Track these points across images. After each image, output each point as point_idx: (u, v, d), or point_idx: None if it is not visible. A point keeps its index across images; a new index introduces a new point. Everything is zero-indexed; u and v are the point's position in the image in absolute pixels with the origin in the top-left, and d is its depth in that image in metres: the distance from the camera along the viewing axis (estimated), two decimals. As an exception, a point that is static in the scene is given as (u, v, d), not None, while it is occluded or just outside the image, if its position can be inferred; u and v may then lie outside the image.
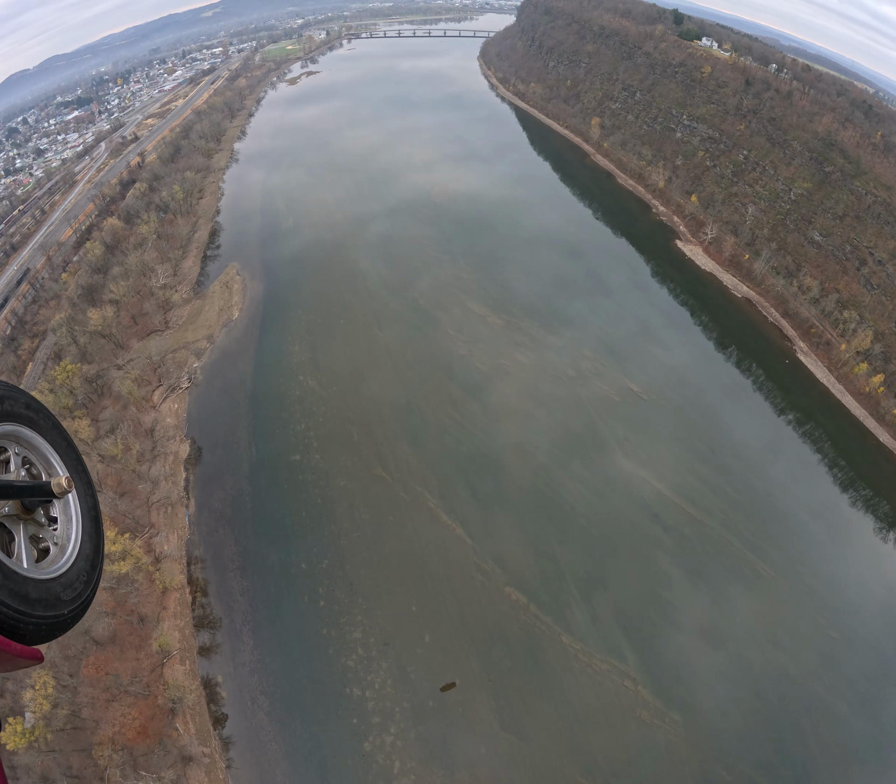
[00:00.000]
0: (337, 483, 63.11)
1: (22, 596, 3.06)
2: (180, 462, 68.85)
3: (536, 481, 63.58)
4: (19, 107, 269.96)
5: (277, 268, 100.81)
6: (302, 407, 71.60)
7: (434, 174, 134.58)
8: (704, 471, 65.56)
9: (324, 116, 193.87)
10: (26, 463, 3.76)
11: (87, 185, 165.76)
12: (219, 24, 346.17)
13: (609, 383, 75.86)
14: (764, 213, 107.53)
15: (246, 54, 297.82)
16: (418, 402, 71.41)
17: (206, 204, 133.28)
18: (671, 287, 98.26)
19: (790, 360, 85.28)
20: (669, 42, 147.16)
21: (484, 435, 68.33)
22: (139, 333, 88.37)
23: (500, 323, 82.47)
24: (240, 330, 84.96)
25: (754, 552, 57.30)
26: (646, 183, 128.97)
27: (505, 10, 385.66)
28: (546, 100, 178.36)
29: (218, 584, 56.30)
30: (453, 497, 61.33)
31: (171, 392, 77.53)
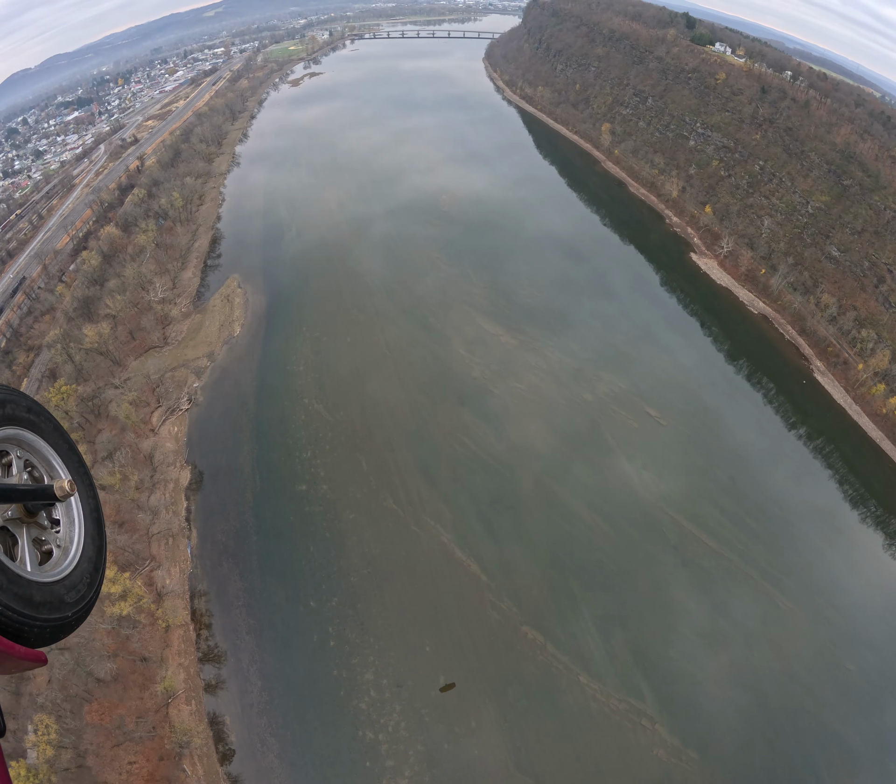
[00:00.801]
0: (346, 516, 60.54)
1: (26, 599, 3.03)
2: (181, 490, 65.91)
3: (553, 514, 61.29)
4: (20, 107, 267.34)
5: (280, 280, 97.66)
6: (308, 432, 68.59)
7: (442, 179, 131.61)
8: (724, 500, 63.42)
9: (326, 117, 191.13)
10: (28, 466, 3.75)
11: (85, 189, 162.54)
12: (221, 23, 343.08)
13: (626, 408, 73.02)
14: (780, 227, 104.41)
15: (248, 55, 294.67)
16: (430, 428, 68.46)
17: (206, 210, 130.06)
18: (687, 303, 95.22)
19: (807, 380, 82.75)
20: (682, 47, 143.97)
21: (498, 464, 65.44)
22: (137, 349, 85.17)
23: (513, 342, 79.31)
24: (242, 347, 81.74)
25: (772, 584, 55.73)
26: (658, 192, 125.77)
27: (509, 11, 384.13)
28: (554, 104, 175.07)
29: (223, 621, 54.22)
30: (467, 531, 59.10)
31: (170, 414, 74.39)
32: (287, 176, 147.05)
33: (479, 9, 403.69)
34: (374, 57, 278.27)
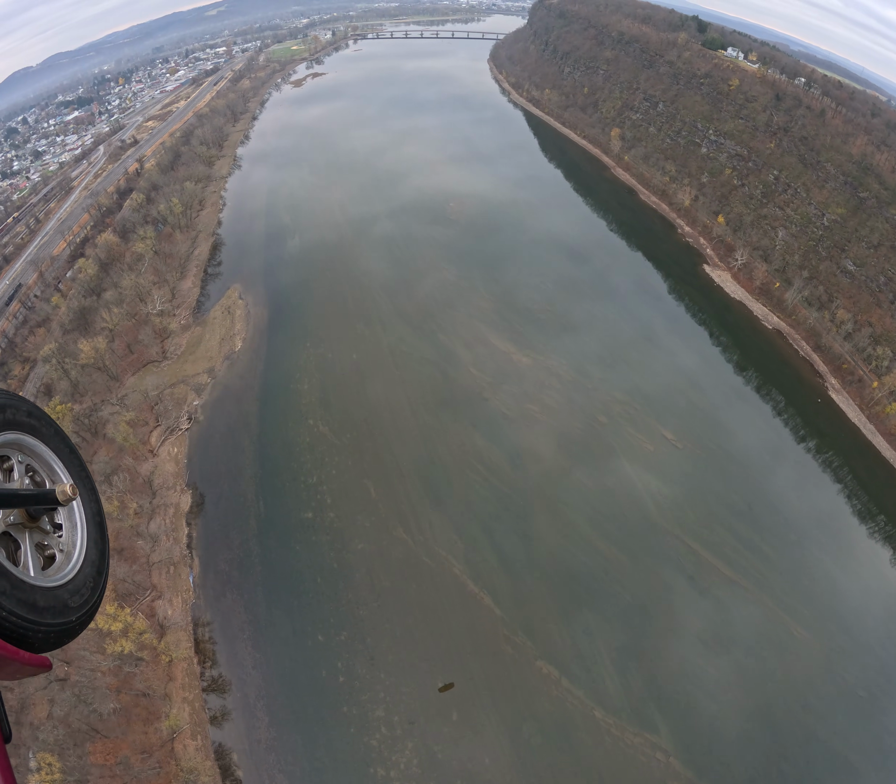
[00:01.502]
0: (354, 546, 58.11)
1: (30, 604, 3.00)
2: (182, 515, 63.31)
3: (568, 543, 59.16)
4: (20, 105, 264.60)
5: (283, 290, 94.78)
6: (313, 456, 65.87)
7: (449, 183, 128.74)
8: (740, 526, 61.58)
9: (329, 117, 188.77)
10: (30, 471, 3.70)
11: (83, 192, 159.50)
12: (223, 22, 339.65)
13: (642, 430, 70.53)
14: (795, 239, 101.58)
15: (250, 54, 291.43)
16: (440, 453, 65.80)
17: (206, 216, 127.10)
18: (701, 318, 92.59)
19: (822, 398, 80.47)
20: (693, 51, 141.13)
21: (511, 492, 62.85)
22: (134, 364, 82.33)
23: (525, 360, 76.50)
24: (243, 363, 78.90)
25: (787, 612, 54.37)
26: (670, 201, 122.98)
27: (512, 12, 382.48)
28: (562, 107, 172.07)
29: (228, 655, 52.14)
30: (480, 562, 56.91)
31: (169, 434, 71.60)
32: (289, 178, 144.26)
33: (483, 9, 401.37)
34: (378, 57, 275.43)
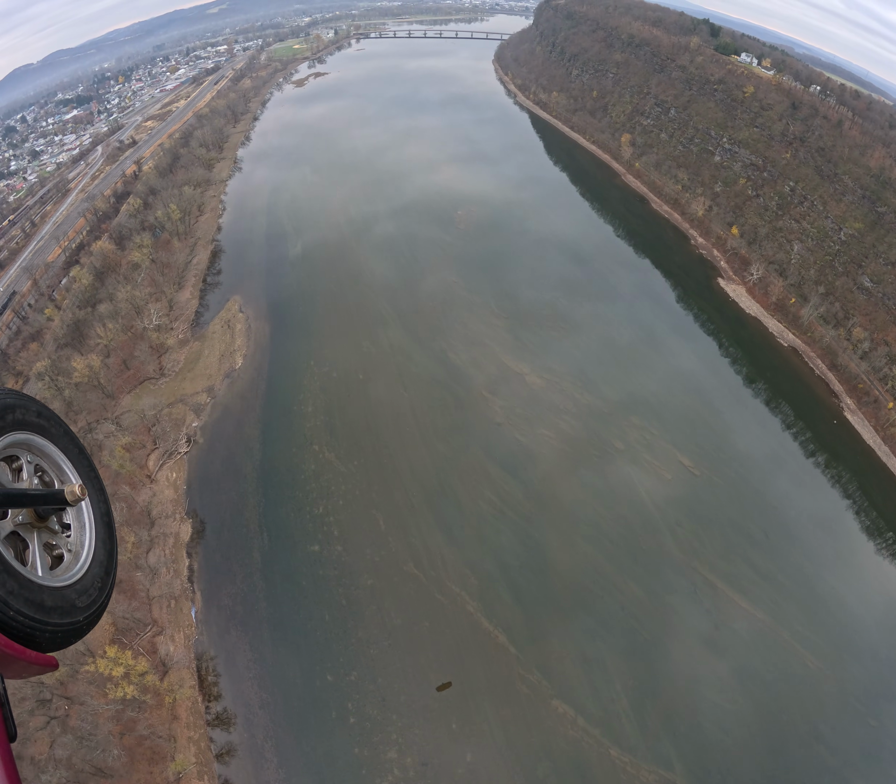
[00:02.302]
0: (363, 581, 55.34)
1: (38, 604, 3.01)
2: (182, 546, 60.36)
3: (584, 579, 56.69)
4: (20, 103, 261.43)
5: (285, 303, 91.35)
6: (318, 485, 62.77)
7: (458, 189, 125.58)
8: (757, 557, 59.45)
9: (332, 117, 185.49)
10: (39, 471, 3.70)
11: (80, 194, 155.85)
12: (224, 20, 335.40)
13: (659, 457, 67.74)
14: (811, 253, 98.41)
15: (251, 53, 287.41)
16: (452, 482, 62.74)
17: (205, 222, 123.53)
18: (717, 335, 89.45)
19: (838, 419, 77.89)
20: (706, 56, 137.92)
21: (526, 524, 60.01)
22: (131, 381, 78.99)
23: (539, 382, 73.30)
24: (244, 382, 75.58)
25: (802, 643, 52.55)
26: (683, 210, 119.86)
27: (515, 12, 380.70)
28: (570, 111, 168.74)
29: (234, 694, 49.86)
30: (495, 599, 54.50)
31: (167, 458, 68.38)
32: (290, 182, 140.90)
33: (486, 9, 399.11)
34: (381, 56, 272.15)
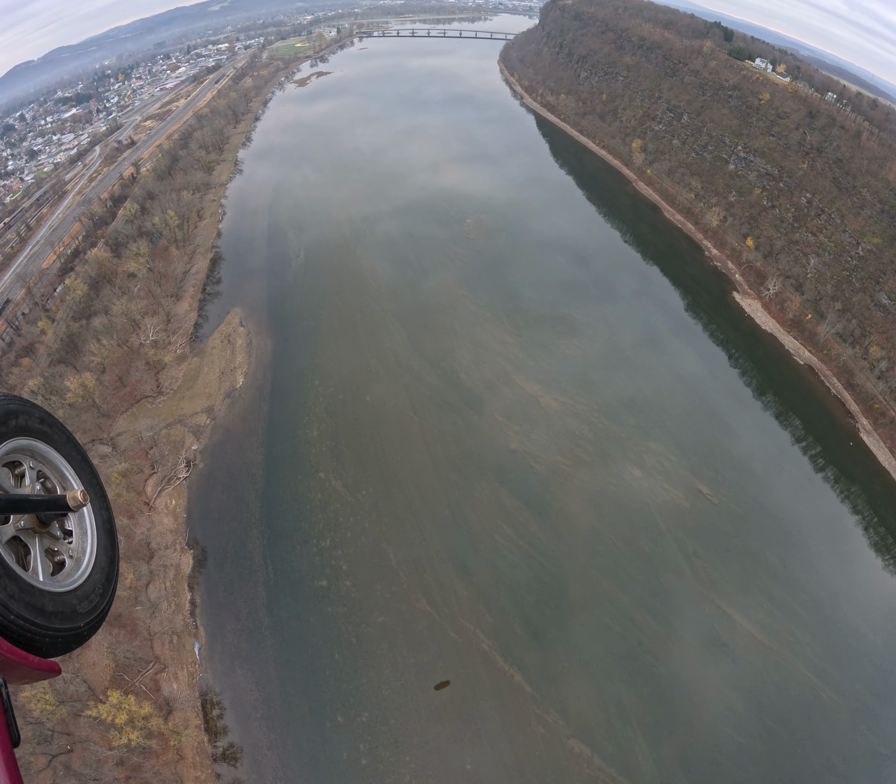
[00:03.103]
0: (374, 618, 52.84)
1: (38, 609, 3.02)
2: (183, 578, 57.60)
3: (602, 614, 54.43)
4: (20, 100, 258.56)
5: (287, 317, 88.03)
6: (325, 515, 59.88)
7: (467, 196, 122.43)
8: (774, 587, 57.54)
9: (335, 117, 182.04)
10: (41, 477, 3.72)
11: (77, 196, 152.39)
12: (226, 18, 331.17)
13: (677, 484, 65.11)
14: (828, 268, 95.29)
15: (253, 51, 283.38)
16: (465, 513, 59.93)
17: (204, 228, 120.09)
18: (733, 352, 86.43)
19: (854, 441, 75.20)
20: (720, 61, 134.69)
21: (542, 557, 57.38)
22: (127, 399, 75.80)
23: (554, 405, 70.27)
24: (245, 403, 72.42)
25: (818, 674, 50.97)
26: (696, 220, 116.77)
27: (519, 11, 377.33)
28: (579, 114, 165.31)
29: (241, 734, 47.85)
30: (510, 637, 52.36)
31: (166, 483, 65.31)
32: (292, 185, 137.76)
33: (489, 8, 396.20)
34: (384, 55, 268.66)
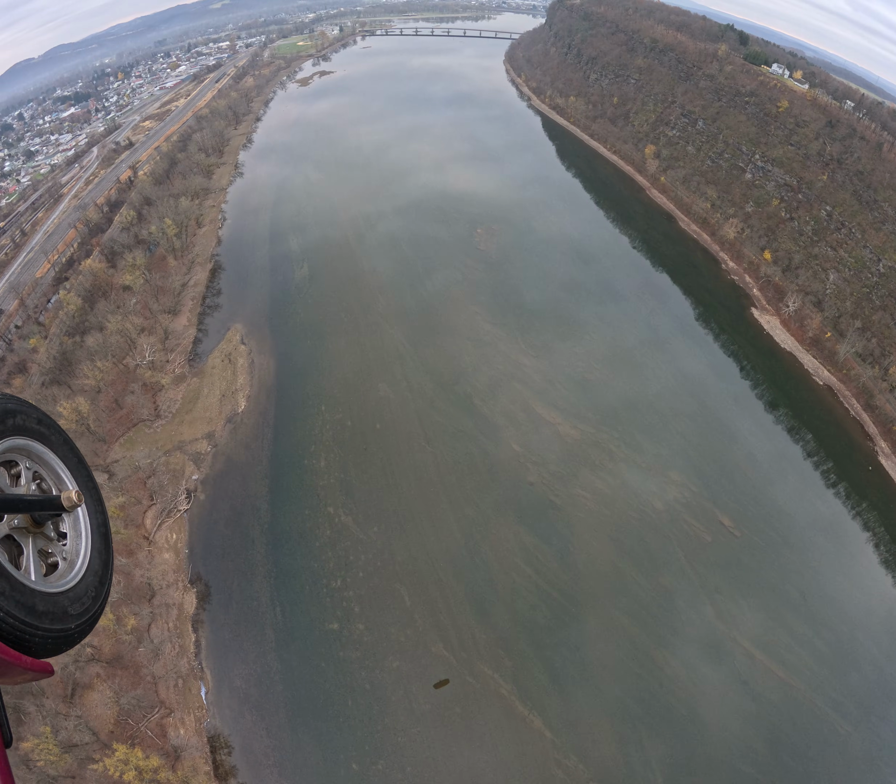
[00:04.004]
0: (388, 664, 50.26)
1: (28, 607, 3.01)
2: (186, 619, 54.60)
3: (622, 655, 52.09)
4: (19, 99, 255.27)
5: (290, 334, 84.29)
6: (335, 553, 56.66)
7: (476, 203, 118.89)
8: (795, 622, 55.64)
9: (338, 118, 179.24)
10: (37, 478, 3.72)
11: (73, 200, 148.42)
12: (227, 16, 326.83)
13: (699, 517, 62.21)
14: (848, 284, 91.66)
15: (254, 50, 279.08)
16: (482, 551, 56.76)
17: (203, 236, 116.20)
18: (751, 372, 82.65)
19: (872, 465, 72.15)
20: (736, 65, 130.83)
21: (562, 597, 54.55)
22: (123, 422, 72.19)
23: (573, 433, 66.82)
24: (248, 429, 68.82)
25: (835, 709, 49.93)
26: (712, 230, 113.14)
27: (523, 10, 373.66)
28: (590, 118, 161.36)
29: (252, 782, 46.01)
30: (529, 681, 50.18)
31: (166, 516, 61.82)
32: (294, 189, 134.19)
33: (493, 6, 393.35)
34: (388, 54, 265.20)
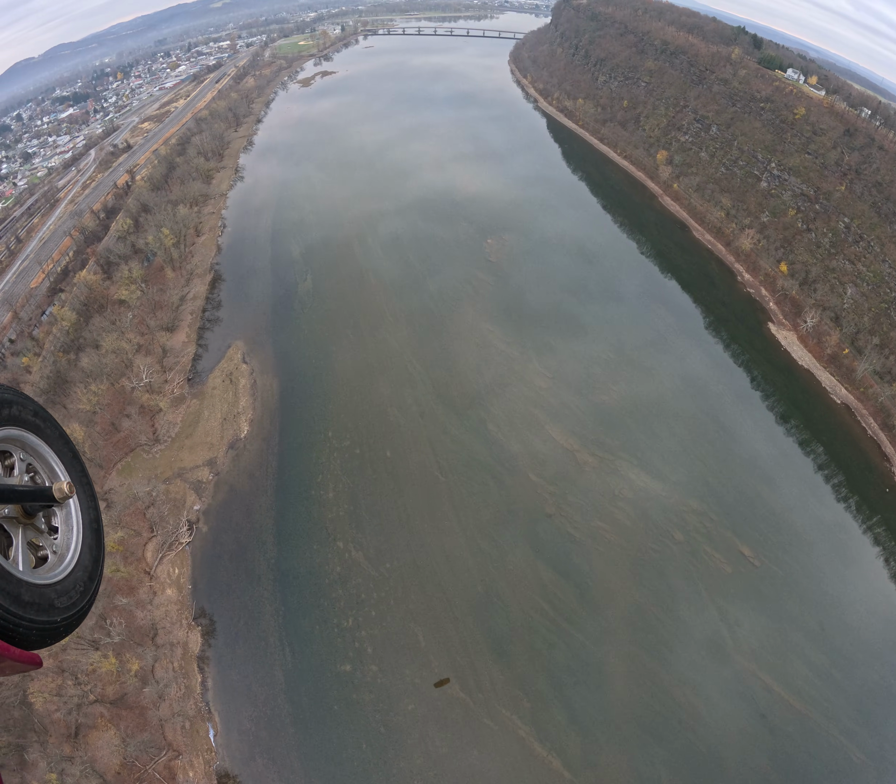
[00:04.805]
0: (403, 706, 48.34)
1: (13, 597, 2.99)
2: (192, 658, 52.07)
3: (642, 692, 50.35)
4: (18, 98, 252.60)
5: (294, 352, 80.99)
6: (346, 592, 53.92)
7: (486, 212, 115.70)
8: (813, 653, 53.87)
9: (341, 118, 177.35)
10: (31, 471, 3.71)
11: (69, 205, 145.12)
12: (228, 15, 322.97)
13: (719, 548, 59.69)
14: (866, 298, 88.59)
15: (255, 49, 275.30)
16: (499, 588, 54.12)
17: (203, 245, 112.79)
18: (770, 392, 79.50)
19: (889, 487, 69.69)
20: (750, 70, 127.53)
21: (581, 635, 52.17)
22: (120, 447, 69.10)
23: (591, 461, 63.86)
24: (251, 455, 65.71)
25: (850, 738, 48.96)
26: (727, 240, 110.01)
27: (525, 9, 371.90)
28: (599, 121, 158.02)
29: None
30: (548, 721, 48.67)
31: (167, 548, 58.81)
32: (296, 194, 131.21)
33: (495, 6, 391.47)
34: (391, 54, 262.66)
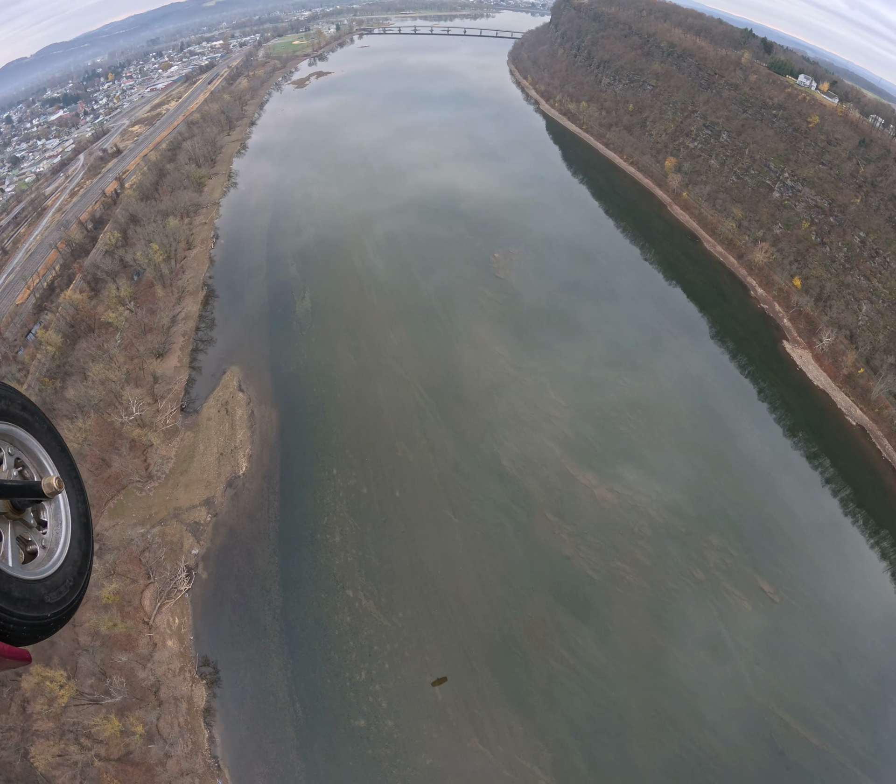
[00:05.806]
0: (421, 761, 46.01)
1: (3, 593, 3.00)
2: (198, 713, 48.95)
3: (662, 736, 48.24)
4: (9, 100, 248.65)
5: (293, 379, 76.65)
6: (358, 643, 50.56)
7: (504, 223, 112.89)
8: (829, 685, 52.47)
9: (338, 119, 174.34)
10: (19, 465, 3.67)
11: (56, 214, 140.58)
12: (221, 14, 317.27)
13: (740, 585, 56.81)
14: (881, 316, 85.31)
15: (248, 49, 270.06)
16: (517, 637, 51.12)
17: (194, 259, 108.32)
18: (786, 414, 76.16)
19: None
20: (761, 75, 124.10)
21: (602, 681, 49.40)
22: (111, 483, 65.24)
23: (610, 497, 60.47)
24: (251, 495, 61.89)
25: (864, 769, 48.21)
26: (739, 253, 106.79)
27: (521, 8, 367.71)
28: (604, 126, 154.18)
29: None
30: (569, 771, 46.75)
31: (166, 597, 55.17)
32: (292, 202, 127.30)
33: (491, 4, 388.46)
34: (388, 53, 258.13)
